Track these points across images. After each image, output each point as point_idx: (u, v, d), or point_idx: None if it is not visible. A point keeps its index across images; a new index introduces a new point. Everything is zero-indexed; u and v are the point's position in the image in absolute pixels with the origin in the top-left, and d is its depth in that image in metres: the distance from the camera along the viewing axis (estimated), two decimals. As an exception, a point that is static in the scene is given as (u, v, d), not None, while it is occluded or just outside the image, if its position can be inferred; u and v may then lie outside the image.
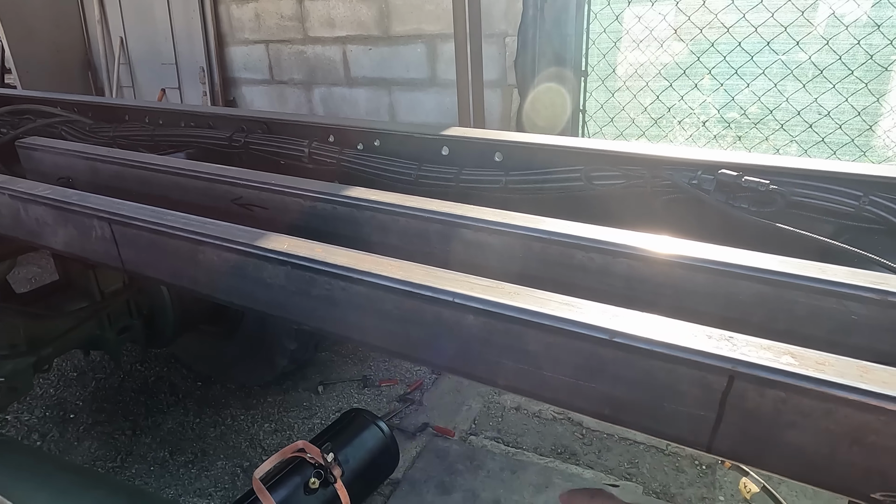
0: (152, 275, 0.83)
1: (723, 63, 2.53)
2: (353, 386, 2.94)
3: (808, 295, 0.59)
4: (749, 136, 2.70)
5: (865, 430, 0.43)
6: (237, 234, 0.73)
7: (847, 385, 0.43)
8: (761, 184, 0.89)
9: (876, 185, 0.86)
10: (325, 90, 3.85)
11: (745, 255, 0.62)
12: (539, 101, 3.00)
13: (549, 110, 3.00)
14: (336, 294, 0.65)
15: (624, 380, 0.52)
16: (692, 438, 0.50)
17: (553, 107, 2.96)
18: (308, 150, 1.34)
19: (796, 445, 0.46)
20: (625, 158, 1.04)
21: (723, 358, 0.47)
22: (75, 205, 0.86)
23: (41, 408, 2.85)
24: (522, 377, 0.57)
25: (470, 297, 0.57)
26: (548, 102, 2.97)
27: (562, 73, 2.91)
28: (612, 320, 0.52)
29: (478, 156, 1.21)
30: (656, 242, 0.67)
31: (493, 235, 0.75)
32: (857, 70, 2.28)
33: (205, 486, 2.38)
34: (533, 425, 2.64)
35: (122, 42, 4.48)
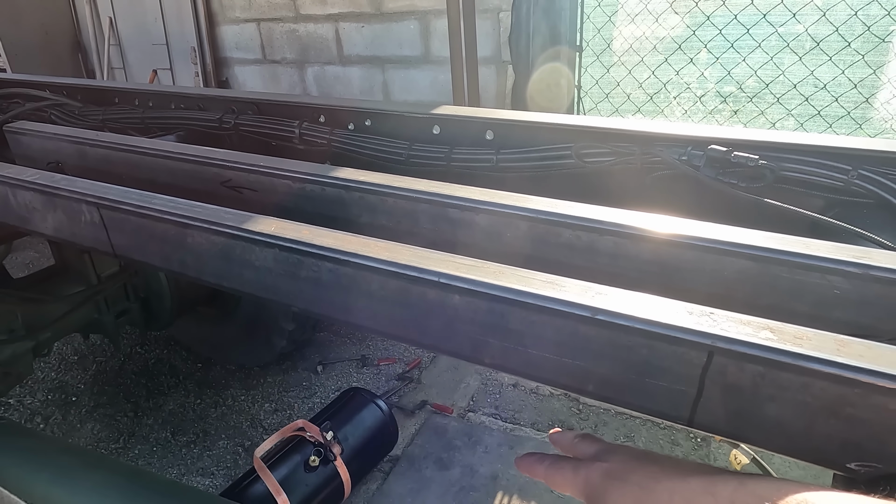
0: (142, 259, 0.83)
1: (719, 36, 2.51)
2: (351, 365, 2.97)
3: (792, 270, 0.59)
4: (745, 110, 2.68)
5: (842, 402, 0.44)
6: (225, 216, 0.73)
7: (824, 359, 0.44)
8: (750, 159, 0.89)
9: (865, 159, 0.86)
10: (318, 69, 3.81)
11: (730, 231, 0.63)
12: (534, 78, 2.97)
13: (545, 86, 2.98)
14: (323, 276, 0.66)
15: (606, 356, 0.52)
16: (673, 413, 0.51)
17: (548, 83, 2.93)
18: (298, 131, 1.33)
19: (775, 418, 0.47)
20: (615, 135, 1.03)
21: (702, 334, 0.47)
22: (64, 190, 0.86)
23: (43, 391, 2.87)
24: (507, 355, 0.57)
25: (455, 276, 0.57)
26: (543, 78, 2.95)
27: (557, 48, 2.88)
28: (595, 298, 0.53)
29: (469, 134, 1.20)
30: (642, 220, 0.67)
31: (480, 215, 0.75)
32: (854, 42, 2.26)
33: (207, 465, 2.42)
34: (530, 401, 2.67)
35: (111, 22, 4.42)
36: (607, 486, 0.49)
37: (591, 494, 0.50)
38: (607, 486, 0.49)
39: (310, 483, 1.96)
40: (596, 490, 0.50)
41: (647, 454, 0.51)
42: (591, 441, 0.56)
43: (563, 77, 2.95)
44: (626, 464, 0.50)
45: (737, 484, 0.41)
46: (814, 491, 0.37)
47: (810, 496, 0.37)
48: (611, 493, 0.49)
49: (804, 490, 0.37)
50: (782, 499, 0.37)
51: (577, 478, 0.52)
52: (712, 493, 0.42)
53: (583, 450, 0.56)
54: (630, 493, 0.47)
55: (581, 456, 0.56)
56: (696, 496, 0.43)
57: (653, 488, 0.46)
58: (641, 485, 0.47)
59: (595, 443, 0.56)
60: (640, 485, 0.47)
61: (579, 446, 0.57)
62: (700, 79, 2.70)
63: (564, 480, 0.54)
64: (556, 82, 2.95)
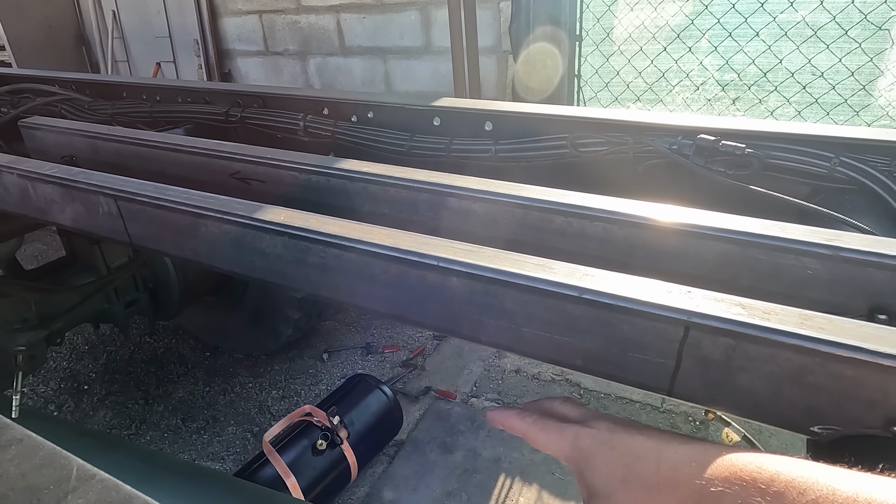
0: (157, 247, 0.88)
1: (717, 25, 2.52)
2: (356, 353, 3.02)
3: (769, 252, 0.63)
4: (744, 99, 2.71)
5: (804, 371, 0.48)
6: (236, 206, 0.77)
7: (788, 331, 0.48)
8: (737, 147, 0.92)
9: (846, 147, 0.89)
10: (320, 60, 3.83)
11: (711, 217, 0.67)
12: (534, 67, 2.99)
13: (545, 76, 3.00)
14: (329, 261, 0.70)
15: (593, 333, 0.56)
16: (654, 384, 0.55)
17: (548, 73, 2.96)
18: (303, 124, 1.37)
19: (745, 387, 0.51)
20: (609, 125, 1.07)
21: (679, 310, 0.51)
22: (82, 182, 0.90)
23: (56, 380, 2.94)
24: (502, 333, 0.62)
25: (453, 260, 0.61)
26: (543, 68, 2.97)
27: (556, 37, 2.90)
28: (582, 279, 0.57)
29: (469, 125, 1.24)
30: (629, 206, 0.71)
31: (477, 203, 0.79)
32: (851, 30, 2.28)
33: (217, 450, 2.48)
34: (532, 387, 2.72)
35: (114, 15, 4.44)
36: (595, 451, 0.50)
37: (576, 458, 0.51)
38: (595, 452, 0.50)
39: (317, 466, 2.02)
40: (583, 454, 0.51)
41: (631, 423, 0.52)
42: (573, 405, 0.57)
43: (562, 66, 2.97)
44: (612, 431, 0.51)
45: (717, 451, 0.44)
46: (777, 457, 0.41)
47: (769, 461, 0.41)
48: (598, 458, 0.49)
49: (769, 457, 0.41)
50: (751, 464, 0.41)
51: (562, 440, 0.53)
52: (697, 462, 0.43)
53: (566, 413, 0.57)
54: (618, 460, 0.48)
55: (564, 419, 0.56)
56: (682, 464, 0.44)
57: (639, 456, 0.47)
58: (629, 452, 0.48)
59: (577, 407, 0.57)
60: (627, 452, 0.48)
61: (562, 409, 0.57)
62: (699, 67, 2.72)
63: (548, 440, 0.54)
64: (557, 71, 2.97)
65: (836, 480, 0.37)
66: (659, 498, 0.44)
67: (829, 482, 0.37)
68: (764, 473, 0.39)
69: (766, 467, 0.40)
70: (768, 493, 0.38)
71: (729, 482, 0.40)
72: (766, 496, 0.38)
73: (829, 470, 0.38)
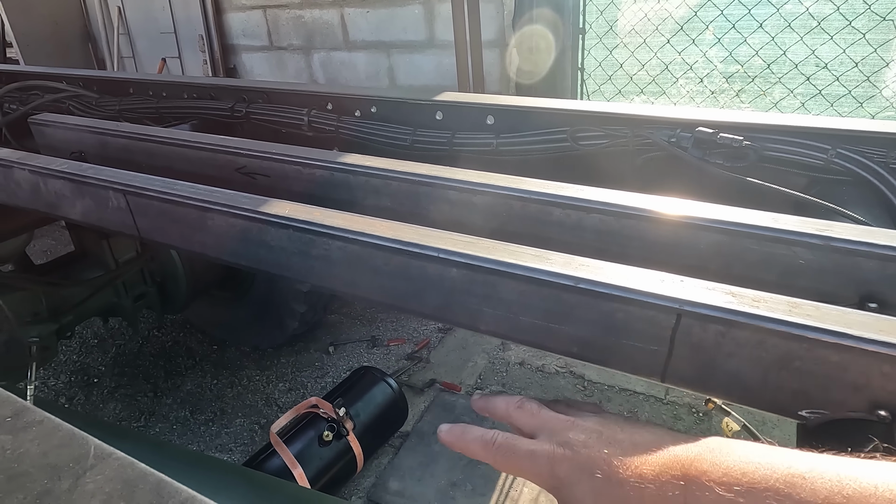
0: (166, 241, 0.90)
1: (721, 17, 2.52)
2: (362, 346, 3.05)
3: (761, 242, 0.65)
4: (748, 91, 2.70)
5: (791, 356, 0.49)
6: (242, 200, 0.79)
7: (776, 318, 0.49)
8: (735, 140, 0.93)
9: (843, 138, 0.90)
10: (324, 55, 3.84)
11: (704, 208, 0.68)
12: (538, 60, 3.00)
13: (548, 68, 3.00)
14: (333, 253, 0.72)
15: (588, 321, 0.58)
16: (648, 370, 0.57)
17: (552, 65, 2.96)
18: (307, 119, 1.39)
19: (734, 372, 0.52)
20: (608, 118, 1.08)
21: (671, 298, 0.53)
22: (92, 178, 0.92)
23: (66, 373, 2.98)
24: (500, 322, 0.63)
25: (452, 251, 0.63)
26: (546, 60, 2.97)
27: (559, 31, 2.90)
28: (578, 269, 0.58)
29: (470, 120, 1.25)
30: (625, 198, 0.72)
31: (477, 195, 0.81)
32: (855, 20, 2.27)
33: (225, 442, 2.52)
34: (536, 379, 2.74)
35: (119, 12, 4.46)
36: (575, 479, 0.45)
37: (556, 486, 0.46)
38: (575, 480, 0.45)
39: (324, 457, 2.05)
40: (562, 482, 0.45)
41: (606, 429, 0.47)
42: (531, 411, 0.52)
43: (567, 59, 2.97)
44: (589, 452, 0.45)
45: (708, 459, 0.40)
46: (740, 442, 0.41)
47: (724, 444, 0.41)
48: (580, 486, 0.44)
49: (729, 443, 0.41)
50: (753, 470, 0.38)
51: (535, 466, 0.47)
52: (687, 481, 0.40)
53: (525, 422, 0.51)
54: (602, 489, 0.43)
55: (526, 430, 0.50)
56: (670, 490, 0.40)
57: (623, 482, 0.42)
58: (611, 478, 0.43)
59: (536, 413, 0.51)
60: (609, 479, 0.43)
61: (520, 418, 0.52)
62: (703, 59, 2.72)
63: (519, 468, 0.48)
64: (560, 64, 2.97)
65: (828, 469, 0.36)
66: None
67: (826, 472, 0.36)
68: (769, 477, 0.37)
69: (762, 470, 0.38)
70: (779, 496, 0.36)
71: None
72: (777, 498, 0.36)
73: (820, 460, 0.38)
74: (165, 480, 0.34)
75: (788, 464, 0.37)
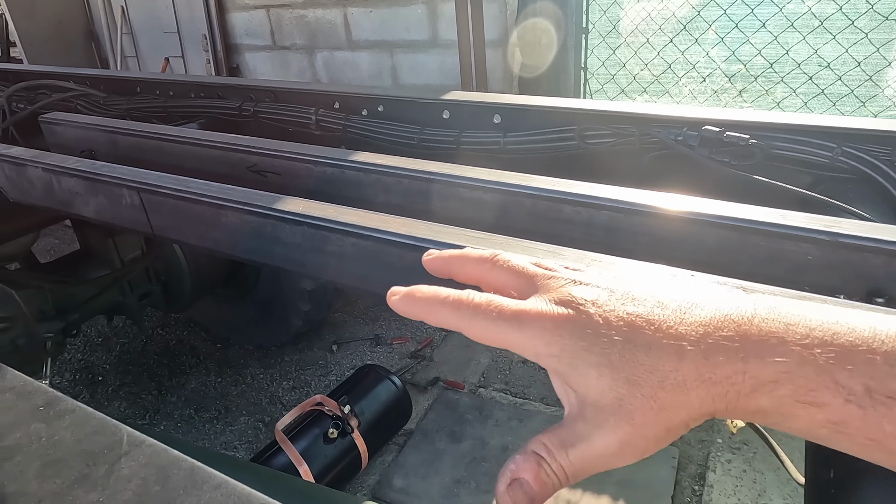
0: (179, 238, 0.91)
1: (724, 16, 2.53)
2: (365, 344, 3.06)
3: (768, 239, 0.66)
4: (750, 90, 2.71)
5: (801, 349, 0.50)
6: (256, 197, 0.80)
7: (786, 312, 0.50)
8: (741, 138, 0.94)
9: (848, 137, 0.91)
10: (327, 54, 3.85)
11: (712, 204, 0.69)
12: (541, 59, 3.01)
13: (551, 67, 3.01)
14: (347, 249, 0.73)
15: (600, 315, 0.59)
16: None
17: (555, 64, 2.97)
18: (315, 118, 1.40)
19: (745, 365, 0.53)
20: (615, 117, 1.09)
21: (683, 293, 0.54)
22: (105, 175, 0.93)
23: (70, 371, 2.99)
24: (513, 317, 0.64)
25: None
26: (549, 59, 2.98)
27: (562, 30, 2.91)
28: (590, 265, 0.59)
29: (477, 118, 1.26)
30: (634, 196, 0.73)
31: (488, 193, 0.82)
32: (858, 20, 2.28)
33: (230, 439, 2.53)
34: (539, 377, 2.75)
35: (123, 11, 4.47)
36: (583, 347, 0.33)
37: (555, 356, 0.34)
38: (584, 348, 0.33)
39: (329, 454, 2.06)
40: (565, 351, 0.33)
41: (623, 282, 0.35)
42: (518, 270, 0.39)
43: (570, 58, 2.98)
44: (605, 311, 0.33)
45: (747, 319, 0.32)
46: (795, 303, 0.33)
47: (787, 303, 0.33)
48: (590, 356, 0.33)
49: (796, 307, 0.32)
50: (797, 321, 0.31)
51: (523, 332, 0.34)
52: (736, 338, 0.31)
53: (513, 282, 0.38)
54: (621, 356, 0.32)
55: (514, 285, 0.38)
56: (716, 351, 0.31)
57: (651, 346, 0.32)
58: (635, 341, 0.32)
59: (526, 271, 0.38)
60: (632, 341, 0.32)
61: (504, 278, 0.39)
62: (705, 59, 2.73)
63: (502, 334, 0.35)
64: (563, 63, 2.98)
65: None
66: (691, 395, 0.31)
67: None
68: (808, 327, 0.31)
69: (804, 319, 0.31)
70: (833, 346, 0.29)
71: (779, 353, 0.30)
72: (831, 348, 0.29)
73: None
74: (198, 466, 0.35)
75: (870, 324, 0.30)
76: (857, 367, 0.28)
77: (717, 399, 0.31)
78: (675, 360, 0.31)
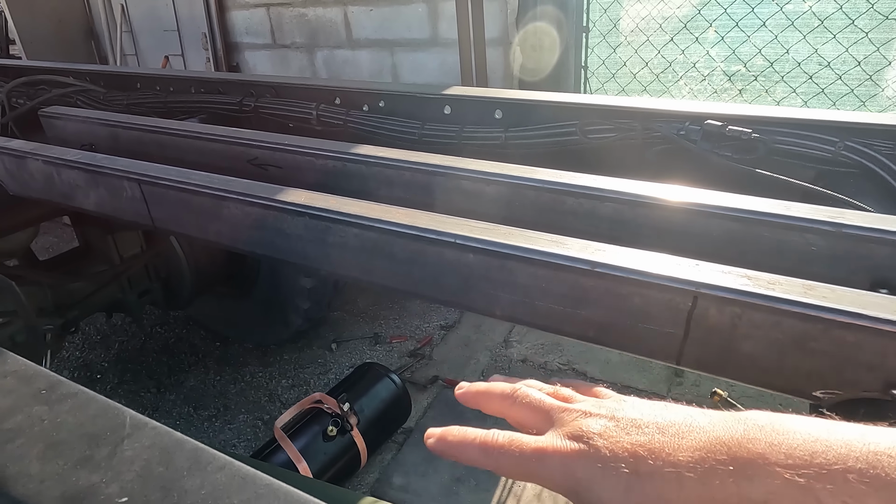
0: (180, 230, 0.91)
1: (724, 15, 2.53)
2: (365, 343, 3.05)
3: (773, 230, 0.66)
4: (751, 89, 2.71)
5: (807, 337, 0.50)
6: (258, 189, 0.80)
7: (792, 300, 0.50)
8: (744, 132, 0.94)
9: (851, 131, 0.91)
10: (327, 53, 3.85)
11: (716, 196, 0.69)
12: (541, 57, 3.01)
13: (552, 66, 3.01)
14: (350, 240, 0.73)
15: (604, 305, 0.59)
16: (663, 354, 0.58)
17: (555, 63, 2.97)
18: (316, 113, 1.39)
19: (750, 354, 0.53)
20: (617, 112, 1.09)
21: (688, 281, 0.54)
22: (106, 168, 0.93)
23: (69, 369, 2.98)
24: (517, 308, 0.64)
25: (469, 237, 0.64)
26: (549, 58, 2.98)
27: (563, 28, 2.91)
28: (595, 253, 0.59)
29: (478, 114, 1.26)
30: (638, 187, 0.73)
31: (490, 185, 0.82)
32: (858, 19, 2.28)
33: (228, 437, 2.52)
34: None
35: (123, 9, 4.47)
36: (596, 478, 0.37)
37: (573, 488, 0.38)
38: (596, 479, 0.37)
39: (328, 452, 2.05)
40: (581, 484, 0.37)
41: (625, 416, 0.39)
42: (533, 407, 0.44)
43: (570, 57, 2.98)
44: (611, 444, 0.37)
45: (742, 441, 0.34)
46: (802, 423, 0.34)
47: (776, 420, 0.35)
48: (603, 486, 0.36)
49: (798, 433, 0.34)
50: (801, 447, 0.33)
51: (545, 469, 0.38)
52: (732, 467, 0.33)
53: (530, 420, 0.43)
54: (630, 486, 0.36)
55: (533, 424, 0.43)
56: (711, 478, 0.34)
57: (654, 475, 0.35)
58: (640, 473, 0.36)
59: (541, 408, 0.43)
60: (638, 473, 0.36)
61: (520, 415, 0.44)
62: (706, 58, 2.73)
63: (528, 472, 0.39)
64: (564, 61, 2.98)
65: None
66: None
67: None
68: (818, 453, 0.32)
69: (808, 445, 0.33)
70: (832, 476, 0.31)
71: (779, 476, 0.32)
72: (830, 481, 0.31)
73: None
74: (201, 447, 0.35)
75: (866, 440, 0.32)
76: (836, 487, 0.31)
77: None
78: (676, 487, 0.34)
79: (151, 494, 0.32)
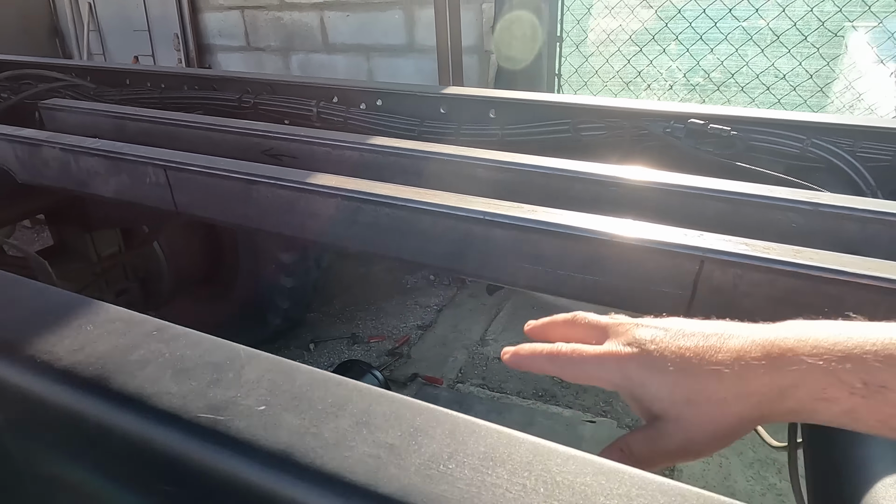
0: (204, 214, 0.95)
1: (689, 29, 2.69)
2: (342, 343, 3.08)
3: (758, 209, 0.75)
4: (712, 99, 2.88)
5: (798, 292, 0.59)
6: (288, 173, 0.85)
7: (785, 260, 0.59)
8: (723, 130, 1.05)
9: (816, 130, 1.02)
10: (302, 56, 3.88)
11: (708, 181, 0.78)
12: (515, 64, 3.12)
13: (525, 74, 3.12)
14: (381, 220, 0.79)
15: (619, 272, 0.67)
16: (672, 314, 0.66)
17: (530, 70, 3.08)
18: (316, 110, 1.44)
19: (749, 310, 0.62)
20: (607, 112, 1.18)
21: (695, 248, 0.62)
22: (130, 155, 0.96)
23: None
24: (539, 277, 0.72)
25: (496, 213, 0.71)
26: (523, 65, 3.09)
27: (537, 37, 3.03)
28: (613, 226, 0.67)
29: (474, 113, 1.33)
30: (638, 173, 0.82)
31: (503, 172, 0.89)
32: (810, 36, 2.47)
33: (208, 436, 2.51)
34: (515, 372, 2.83)
35: (90, 8, 4.39)
36: (647, 376, 0.43)
37: (627, 386, 0.44)
38: (648, 377, 0.43)
39: (314, 446, 2.08)
40: (634, 381, 0.43)
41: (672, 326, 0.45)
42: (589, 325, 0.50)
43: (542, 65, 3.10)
44: (660, 348, 0.43)
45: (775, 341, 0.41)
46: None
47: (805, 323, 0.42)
48: (653, 382, 0.43)
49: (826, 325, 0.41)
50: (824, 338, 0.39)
51: (603, 371, 0.45)
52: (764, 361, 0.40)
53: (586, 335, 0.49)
54: (677, 381, 0.42)
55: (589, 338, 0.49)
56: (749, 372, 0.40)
57: (699, 373, 0.41)
58: (686, 370, 0.41)
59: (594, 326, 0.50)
60: (684, 371, 0.42)
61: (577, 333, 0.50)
62: (671, 69, 2.89)
63: (588, 375, 0.46)
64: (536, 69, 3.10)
65: None
66: (733, 408, 0.40)
67: None
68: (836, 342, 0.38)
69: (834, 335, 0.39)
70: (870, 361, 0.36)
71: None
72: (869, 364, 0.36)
73: None
74: (315, 370, 0.41)
75: (883, 331, 0.37)
76: (854, 366, 0.36)
77: (753, 408, 0.40)
78: (716, 381, 0.40)
79: (287, 403, 0.37)
